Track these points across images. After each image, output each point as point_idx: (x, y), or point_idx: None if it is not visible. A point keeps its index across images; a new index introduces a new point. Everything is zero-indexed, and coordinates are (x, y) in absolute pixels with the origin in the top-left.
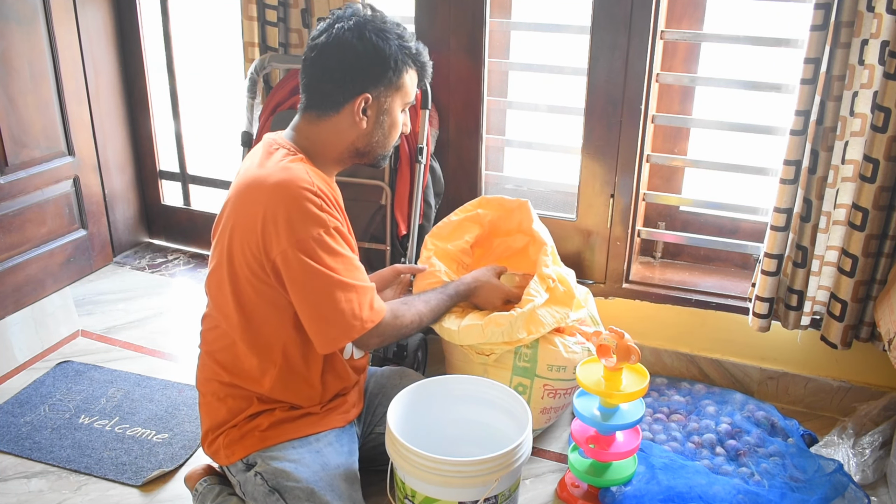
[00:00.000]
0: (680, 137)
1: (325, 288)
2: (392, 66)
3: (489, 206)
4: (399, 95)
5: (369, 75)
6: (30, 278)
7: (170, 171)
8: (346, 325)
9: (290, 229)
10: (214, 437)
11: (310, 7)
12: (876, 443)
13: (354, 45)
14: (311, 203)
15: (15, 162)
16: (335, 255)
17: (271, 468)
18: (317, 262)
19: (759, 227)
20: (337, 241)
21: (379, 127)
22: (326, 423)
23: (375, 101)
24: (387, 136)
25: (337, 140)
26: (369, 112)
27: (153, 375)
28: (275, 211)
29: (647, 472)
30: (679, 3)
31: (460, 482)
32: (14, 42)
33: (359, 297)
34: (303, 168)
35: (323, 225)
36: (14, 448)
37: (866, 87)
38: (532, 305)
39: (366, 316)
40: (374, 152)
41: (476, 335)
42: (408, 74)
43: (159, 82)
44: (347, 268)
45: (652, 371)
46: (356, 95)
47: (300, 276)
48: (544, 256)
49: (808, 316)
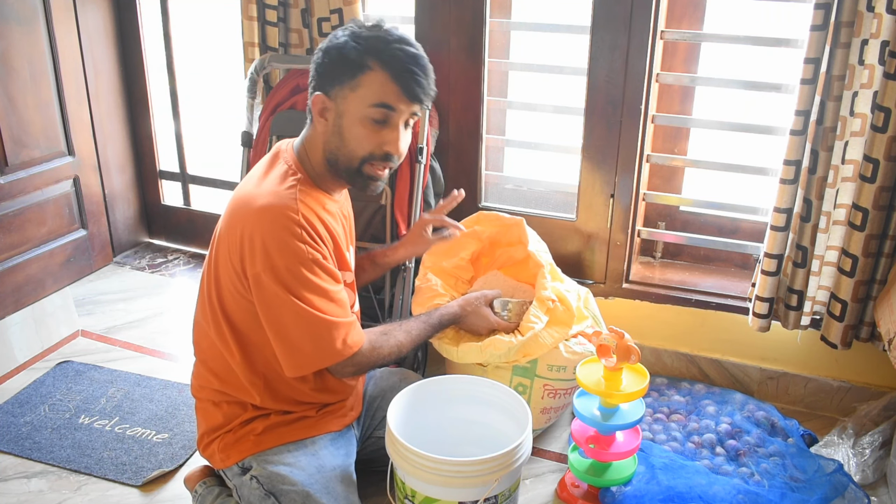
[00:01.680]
0: (680, 137)
1: (293, 318)
2: (349, 62)
3: (487, 222)
4: (357, 97)
5: (326, 73)
6: (30, 278)
7: (170, 171)
8: (313, 355)
9: (266, 255)
10: (210, 440)
11: (310, 7)
12: (876, 443)
13: (325, 46)
14: (291, 234)
15: (15, 162)
16: (309, 288)
17: (267, 472)
18: (289, 292)
19: (759, 227)
20: (316, 274)
21: (336, 132)
22: (322, 427)
23: (332, 102)
24: (343, 143)
25: (315, 149)
26: (328, 115)
27: (153, 375)
28: (251, 234)
29: (647, 472)
30: (679, 3)
31: (460, 482)
32: (14, 42)
33: (329, 331)
34: (293, 194)
35: (300, 258)
36: (14, 448)
37: (866, 87)
38: (533, 333)
39: (337, 348)
40: (339, 164)
41: (475, 355)
42: (370, 74)
43: (159, 82)
44: (322, 300)
45: (652, 371)
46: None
47: (271, 301)
48: (542, 279)
49: (808, 316)
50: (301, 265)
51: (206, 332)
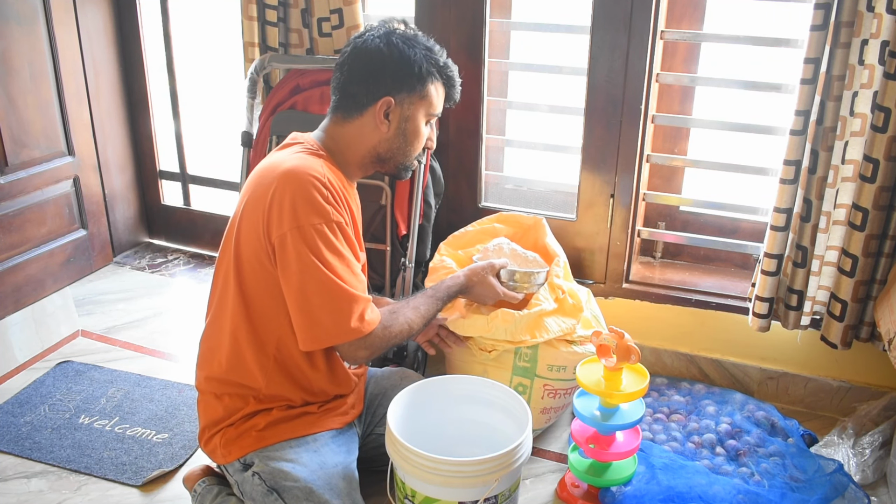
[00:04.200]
0: (680, 137)
1: (316, 284)
2: (416, 74)
3: (506, 221)
4: (423, 105)
5: (394, 80)
6: (30, 278)
7: (170, 171)
8: (331, 328)
9: (293, 214)
10: (211, 434)
11: (310, 7)
12: (876, 443)
13: (381, 49)
14: (318, 192)
15: (15, 162)
16: (333, 251)
17: (269, 468)
18: (313, 254)
19: (759, 227)
20: (338, 237)
21: (400, 133)
22: (324, 424)
23: (398, 107)
24: (408, 144)
25: (360, 143)
26: (391, 117)
27: (153, 375)
28: (281, 194)
29: (647, 472)
30: (679, 3)
31: (460, 482)
32: (14, 42)
33: (349, 304)
34: (318, 161)
35: (325, 216)
36: (14, 448)
37: (866, 87)
38: (539, 310)
39: (353, 325)
40: (395, 160)
41: (480, 327)
42: (433, 85)
43: (159, 82)
44: (345, 269)
45: (652, 371)
46: (379, 98)
47: (294, 264)
48: (556, 268)
49: (808, 316)
50: (326, 224)
51: (218, 314)
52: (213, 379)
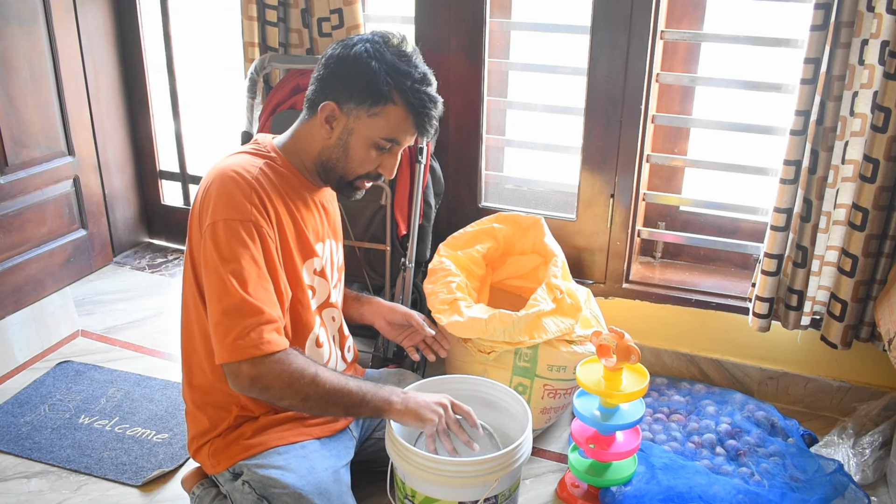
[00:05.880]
0: (680, 137)
1: (215, 289)
2: (371, 88)
3: (505, 221)
4: (372, 124)
5: (344, 86)
6: (30, 278)
7: (170, 171)
8: (221, 340)
9: (213, 209)
10: (199, 445)
11: (310, 7)
12: (876, 443)
13: (349, 54)
14: (240, 190)
15: (15, 162)
16: (240, 250)
17: (258, 476)
18: (217, 251)
19: (759, 227)
20: (253, 239)
21: (341, 145)
22: (311, 433)
23: (344, 116)
24: (346, 159)
25: (310, 145)
26: (335, 125)
27: (153, 375)
28: (208, 191)
29: (647, 472)
30: (679, 3)
31: (460, 482)
32: (14, 42)
33: (242, 313)
34: (258, 161)
35: (241, 213)
36: (14, 448)
37: (866, 87)
38: (538, 310)
39: (238, 341)
40: (334, 171)
41: (479, 329)
42: (393, 108)
43: (159, 82)
44: (251, 272)
45: (652, 371)
46: (325, 100)
47: (204, 264)
48: (554, 268)
49: (808, 316)
50: (241, 223)
51: (186, 321)
52: (195, 387)
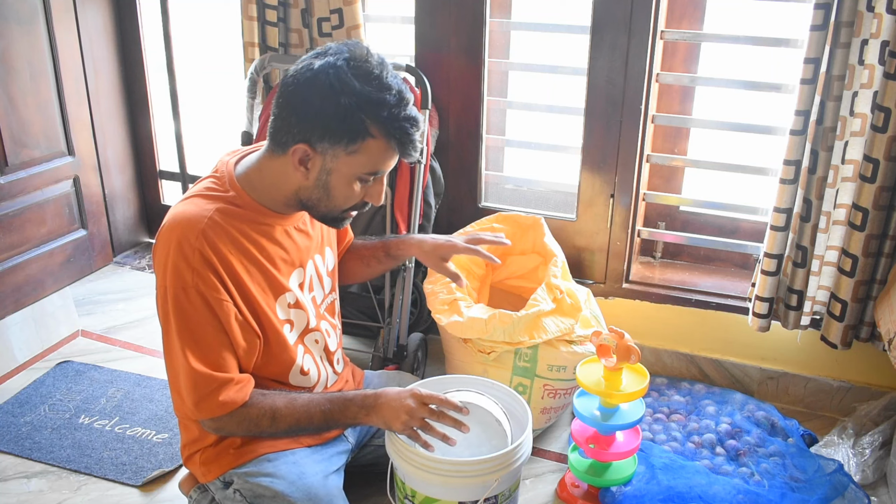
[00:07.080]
0: (680, 137)
1: (170, 354)
2: (347, 126)
3: (505, 221)
4: (353, 162)
5: (314, 126)
6: (30, 278)
7: (170, 171)
8: (181, 398)
9: (161, 271)
10: (190, 453)
11: (310, 7)
12: (876, 443)
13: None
14: (183, 257)
15: (15, 162)
16: (188, 317)
17: (248, 485)
18: (163, 319)
19: (759, 227)
20: (201, 304)
21: (321, 186)
22: (302, 441)
23: (319, 156)
24: (329, 199)
25: (283, 183)
26: (310, 165)
27: (153, 375)
28: (156, 247)
29: (647, 472)
30: (679, 3)
31: (460, 482)
32: (14, 42)
33: (196, 387)
34: (209, 207)
35: (183, 281)
36: (14, 448)
37: (866, 87)
38: (537, 310)
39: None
40: (318, 209)
41: (479, 329)
42: (374, 142)
43: (159, 82)
44: (200, 343)
45: (652, 371)
46: (295, 143)
47: (160, 321)
48: (554, 268)
49: (808, 316)
50: (184, 291)
51: None
52: None
